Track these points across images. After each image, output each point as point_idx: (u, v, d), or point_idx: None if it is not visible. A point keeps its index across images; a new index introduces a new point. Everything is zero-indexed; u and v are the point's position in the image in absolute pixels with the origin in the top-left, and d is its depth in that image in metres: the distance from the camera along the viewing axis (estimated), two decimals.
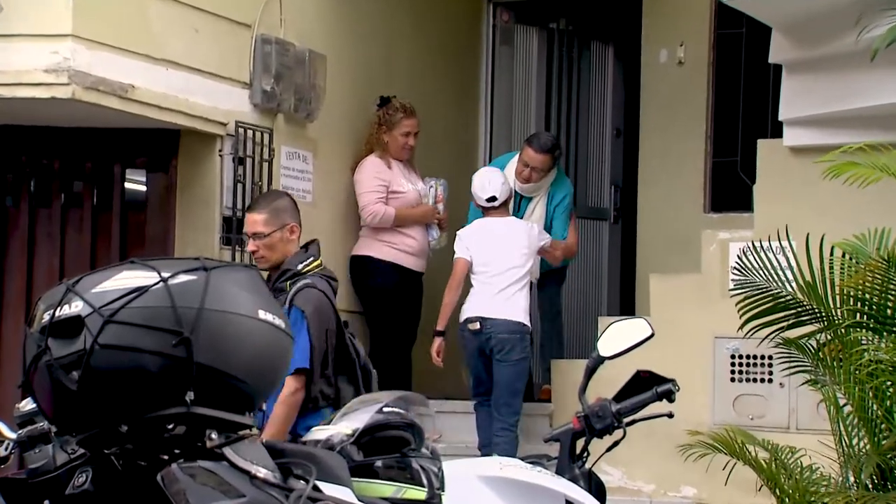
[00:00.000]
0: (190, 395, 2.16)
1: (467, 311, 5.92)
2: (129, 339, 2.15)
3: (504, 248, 5.93)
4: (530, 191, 6.29)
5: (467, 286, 6.04)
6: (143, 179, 5.80)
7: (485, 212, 6.04)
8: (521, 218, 6.23)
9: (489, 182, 6.02)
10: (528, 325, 5.93)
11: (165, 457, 2.20)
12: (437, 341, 6.02)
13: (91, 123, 5.49)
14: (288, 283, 4.07)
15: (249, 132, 5.59)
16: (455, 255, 6.05)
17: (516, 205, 6.32)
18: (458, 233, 6.07)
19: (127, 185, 5.77)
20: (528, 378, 6.04)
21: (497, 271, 5.89)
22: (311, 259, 4.19)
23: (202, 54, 5.39)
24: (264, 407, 2.32)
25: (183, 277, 2.21)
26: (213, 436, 2.19)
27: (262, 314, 2.24)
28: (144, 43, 5.14)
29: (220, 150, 5.52)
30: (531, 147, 6.26)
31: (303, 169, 5.98)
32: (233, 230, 5.51)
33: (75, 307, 2.18)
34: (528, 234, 6.02)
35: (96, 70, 4.92)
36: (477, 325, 5.84)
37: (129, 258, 2.31)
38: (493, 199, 5.98)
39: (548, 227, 6.28)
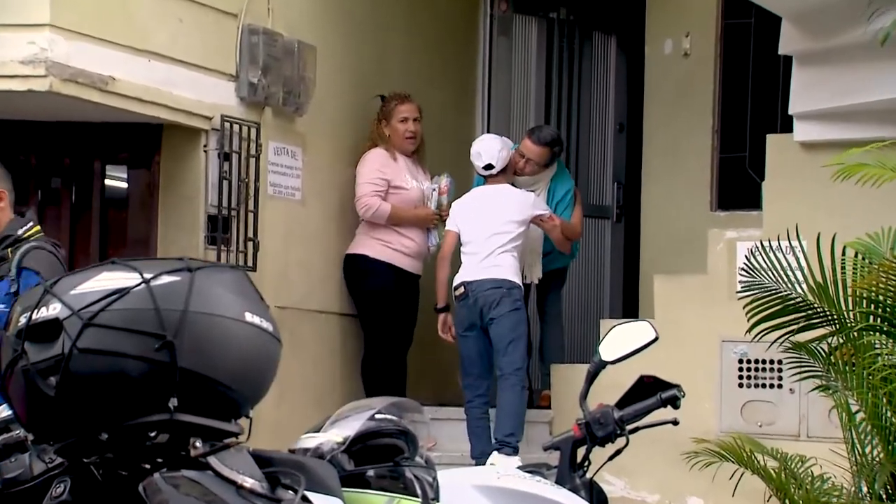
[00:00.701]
0: (173, 402, 2.16)
1: (454, 283, 5.96)
2: (109, 343, 2.15)
3: (490, 215, 6.00)
4: (524, 184, 6.32)
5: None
6: (125, 176, 5.79)
7: (485, 181, 6.10)
8: None
9: (486, 149, 6.11)
10: (517, 281, 5.94)
11: (147, 466, 2.20)
12: (441, 317, 6.06)
13: (70, 117, 5.48)
14: (10, 249, 4.02)
15: (235, 126, 5.59)
16: (444, 228, 6.13)
17: None
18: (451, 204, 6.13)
19: (107, 181, 5.76)
20: (527, 336, 6.01)
21: (481, 238, 5.95)
22: (31, 224, 4.16)
23: (186, 45, 5.39)
24: (251, 413, 2.32)
25: (166, 278, 2.21)
26: (198, 444, 2.19)
27: (248, 317, 2.24)
28: (126, 33, 5.14)
29: (204, 146, 5.52)
30: (530, 138, 6.33)
31: (291, 165, 5.98)
32: (218, 229, 5.51)
33: (53, 310, 2.17)
34: (520, 202, 6.04)
35: (75, 61, 4.92)
36: (461, 290, 5.89)
37: (109, 258, 2.31)
38: (489, 166, 6.04)
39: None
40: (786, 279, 4.15)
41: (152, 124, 5.47)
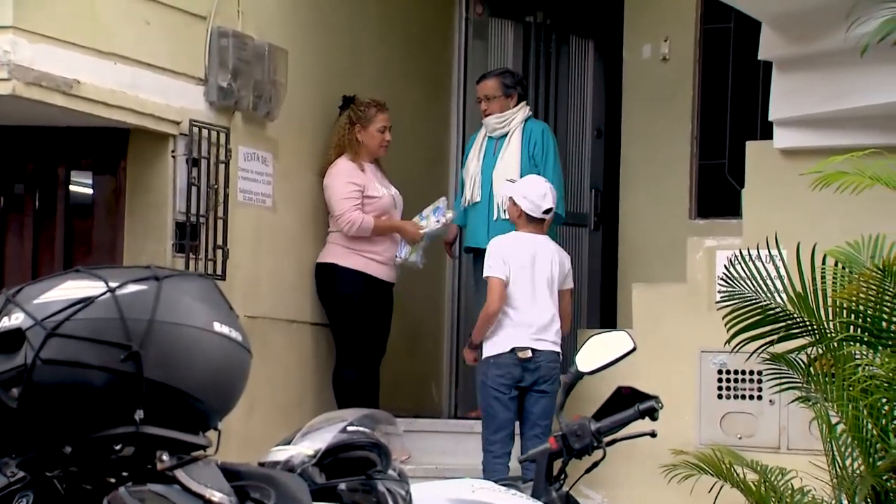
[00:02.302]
0: (139, 414, 2.15)
1: (519, 344, 5.73)
2: (73, 354, 2.14)
3: (545, 272, 5.80)
4: (500, 124, 6.37)
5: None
6: (90, 182, 5.77)
7: (527, 224, 5.83)
8: (495, 164, 6.30)
9: (551, 192, 5.86)
10: None
11: (112, 480, 2.19)
12: (472, 354, 5.94)
13: (33, 121, 5.46)
14: None
15: (204, 131, 5.58)
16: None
17: (490, 151, 6.38)
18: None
19: (72, 188, 5.74)
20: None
21: (542, 298, 5.78)
22: None
23: (153, 48, 5.38)
24: (220, 426, 2.31)
25: (132, 287, 2.20)
26: (165, 457, 2.18)
27: (217, 327, 2.24)
28: (91, 35, 5.12)
29: (172, 151, 5.51)
30: (478, 83, 6.53)
31: (262, 171, 5.97)
32: (186, 237, 5.49)
33: (15, 319, 2.17)
34: (563, 261, 5.90)
35: (39, 64, 4.90)
36: (529, 354, 5.72)
37: (74, 267, 2.30)
38: (549, 210, 5.86)
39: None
40: (765, 289, 4.17)
41: (118, 129, 5.45)
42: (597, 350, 3.12)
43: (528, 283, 5.79)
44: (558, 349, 5.82)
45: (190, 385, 2.20)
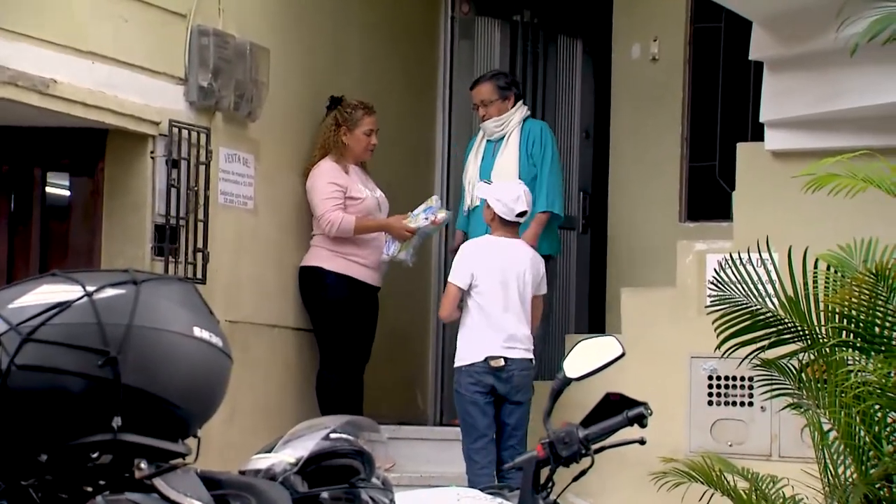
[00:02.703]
0: (117, 421, 2.15)
1: (490, 353, 5.71)
2: (49, 359, 2.14)
3: (515, 276, 5.79)
4: (498, 128, 6.41)
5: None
6: (67, 184, 5.76)
7: (501, 227, 5.80)
8: (493, 167, 6.32)
9: (525, 194, 5.83)
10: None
11: (89, 488, 2.18)
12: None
13: (8, 122, 5.44)
14: None
15: (184, 132, 5.57)
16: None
17: (489, 153, 6.41)
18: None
19: (48, 189, 5.72)
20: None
21: (513, 304, 5.77)
22: None
23: (132, 46, 5.37)
24: (199, 433, 2.31)
25: (110, 291, 2.20)
26: (143, 465, 2.18)
27: (197, 331, 2.24)
28: (68, 34, 5.11)
29: (151, 152, 5.50)
30: (472, 88, 6.56)
31: (243, 173, 5.97)
32: (166, 240, 5.48)
33: None
34: (537, 264, 5.89)
35: (14, 63, 4.89)
36: (501, 363, 5.70)
37: (50, 270, 2.29)
38: (523, 213, 5.84)
39: (531, 180, 6.23)
40: (756, 293, 4.18)
41: (96, 129, 5.44)
42: (585, 355, 3.12)
43: (499, 289, 5.78)
44: (531, 355, 5.82)
45: (169, 391, 2.20)
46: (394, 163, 6.84)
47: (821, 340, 4.11)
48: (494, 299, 5.77)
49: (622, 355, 3.13)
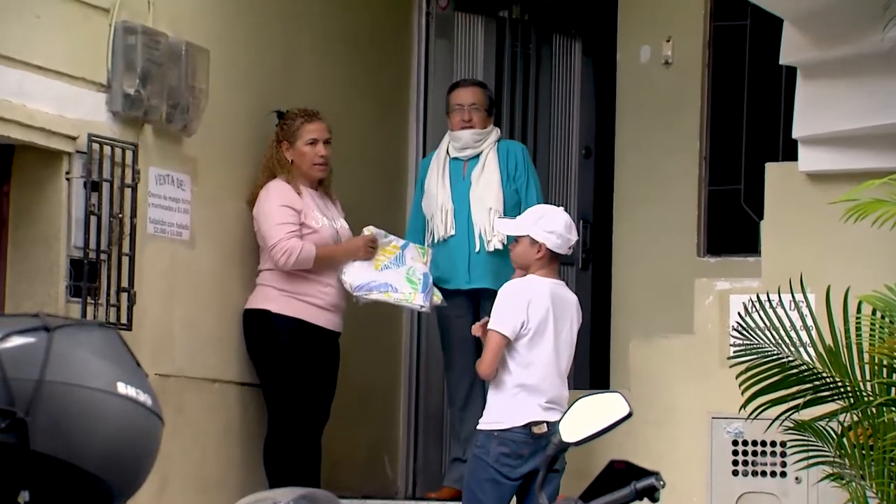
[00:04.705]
0: (24, 496, 2.15)
1: (533, 418, 5.67)
2: None
3: (567, 327, 5.85)
4: (476, 142, 6.47)
5: None
6: None
7: (547, 266, 5.81)
8: (468, 191, 6.38)
9: (573, 224, 5.88)
10: None
11: None
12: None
13: None
14: None
15: (107, 149, 5.58)
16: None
17: (458, 175, 6.46)
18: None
19: None
20: None
21: (564, 361, 5.83)
22: None
23: (44, 47, 5.38)
24: None
25: (16, 340, 2.20)
26: None
27: (122, 388, 2.24)
28: None
29: (67, 173, 5.51)
30: (458, 87, 6.61)
31: (177, 197, 5.98)
32: (83, 277, 5.48)
33: None
34: (579, 313, 5.97)
35: None
36: (544, 429, 5.62)
37: None
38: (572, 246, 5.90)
39: (513, 206, 6.28)
40: (788, 342, 4.21)
41: (0, 145, 5.44)
42: (585, 415, 3.13)
43: (548, 342, 5.76)
44: None
45: (87, 459, 2.20)
46: (357, 183, 6.86)
47: (865, 398, 4.13)
48: (541, 354, 5.75)
49: (629, 415, 3.14)
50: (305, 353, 6.17)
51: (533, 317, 5.74)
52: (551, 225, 5.78)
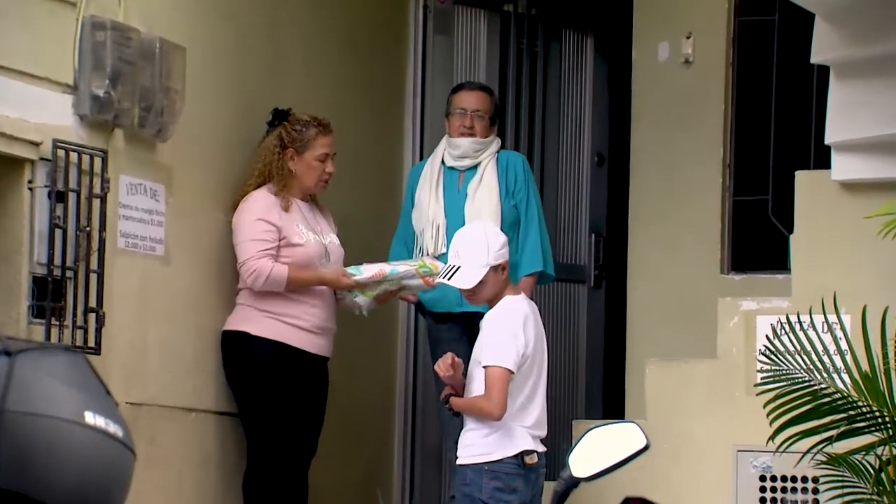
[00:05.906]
0: None
1: (524, 447, 5.69)
2: None
3: (543, 350, 5.90)
4: (476, 152, 6.49)
5: None
6: None
7: (508, 284, 5.82)
8: (464, 206, 6.38)
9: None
10: None
11: None
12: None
13: None
14: None
15: (73, 156, 5.59)
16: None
17: (452, 187, 6.48)
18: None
19: None
20: None
21: (545, 387, 5.85)
22: None
23: (5, 45, 5.39)
24: None
25: None
26: None
27: (89, 417, 2.25)
28: None
29: (29, 182, 5.51)
30: (462, 89, 6.64)
31: (151, 208, 5.98)
32: (47, 297, 5.48)
33: None
34: None
35: None
36: (535, 460, 5.68)
37: None
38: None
39: (511, 224, 6.30)
40: (821, 367, 4.21)
41: None
42: (597, 448, 3.14)
43: (534, 366, 5.77)
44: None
45: (52, 495, 2.20)
46: (348, 192, 6.87)
47: None
48: (528, 379, 5.75)
49: (646, 448, 3.15)
50: (289, 380, 6.16)
51: (529, 341, 5.75)
52: (496, 241, 5.80)
